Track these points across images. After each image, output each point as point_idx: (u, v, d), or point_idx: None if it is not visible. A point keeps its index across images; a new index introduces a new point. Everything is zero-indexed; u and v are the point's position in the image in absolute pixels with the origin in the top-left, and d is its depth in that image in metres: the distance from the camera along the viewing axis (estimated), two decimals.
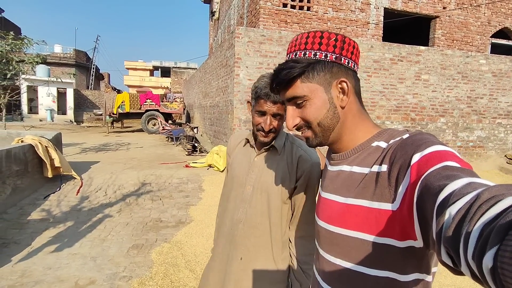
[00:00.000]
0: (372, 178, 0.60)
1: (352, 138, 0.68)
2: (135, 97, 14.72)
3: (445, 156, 0.47)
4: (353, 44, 0.67)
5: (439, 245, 0.38)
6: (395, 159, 0.56)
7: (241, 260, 1.15)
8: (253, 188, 1.15)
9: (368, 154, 0.64)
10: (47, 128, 14.46)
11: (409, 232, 0.53)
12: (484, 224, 0.32)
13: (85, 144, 10.08)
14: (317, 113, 0.66)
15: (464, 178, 0.40)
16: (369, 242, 0.58)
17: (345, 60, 0.66)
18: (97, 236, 3.31)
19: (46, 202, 4.25)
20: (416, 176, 0.49)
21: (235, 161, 1.25)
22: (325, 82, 0.65)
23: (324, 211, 0.69)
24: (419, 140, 0.53)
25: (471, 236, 0.32)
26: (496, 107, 8.33)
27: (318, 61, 0.65)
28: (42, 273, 2.56)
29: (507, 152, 8.53)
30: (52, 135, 5.58)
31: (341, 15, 9.05)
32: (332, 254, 0.66)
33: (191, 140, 9.03)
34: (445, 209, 0.38)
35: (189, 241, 3.28)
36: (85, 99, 24.49)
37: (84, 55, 28.77)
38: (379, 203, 0.57)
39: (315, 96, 0.65)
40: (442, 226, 0.37)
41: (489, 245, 0.30)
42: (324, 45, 0.65)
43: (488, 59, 8.10)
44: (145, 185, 5.22)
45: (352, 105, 0.68)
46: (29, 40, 7.18)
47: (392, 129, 0.66)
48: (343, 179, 0.67)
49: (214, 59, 9.38)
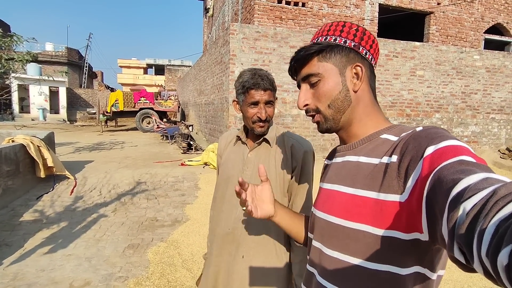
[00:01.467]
0: (381, 169, 0.58)
1: (361, 127, 0.68)
2: (129, 95, 14.56)
3: (460, 150, 0.46)
4: (373, 39, 0.69)
5: (452, 241, 0.37)
6: (407, 151, 0.54)
7: (243, 258, 1.13)
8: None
9: (377, 146, 0.63)
10: (39, 127, 14.25)
11: (416, 224, 0.51)
12: (500, 221, 0.31)
13: (79, 143, 9.95)
14: (329, 93, 0.67)
15: (480, 173, 0.39)
16: (373, 234, 0.57)
17: (363, 50, 0.68)
18: (92, 236, 3.25)
19: (39, 203, 4.17)
20: (429, 168, 0.47)
21: (228, 161, 1.23)
22: (340, 65, 0.67)
23: (326, 202, 0.68)
24: (434, 134, 0.52)
25: (486, 232, 0.31)
26: (489, 102, 8.41)
27: (337, 45, 0.67)
28: (35, 275, 2.50)
29: (500, 146, 8.62)
30: (44, 134, 5.48)
31: (336, 11, 9.02)
32: (330, 247, 0.64)
33: (186, 138, 8.96)
34: (459, 203, 0.36)
35: (185, 240, 3.24)
36: (78, 97, 24.18)
37: (76, 53, 28.37)
38: (386, 194, 0.55)
39: (329, 76, 0.67)
40: (456, 221, 0.36)
41: (505, 242, 0.29)
42: (345, 32, 0.68)
43: (482, 54, 8.16)
44: (140, 184, 5.16)
45: (365, 93, 0.68)
46: (18, 38, 7.02)
47: (403, 125, 0.65)
48: (348, 169, 0.65)
49: (208, 56, 9.30)
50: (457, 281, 2.61)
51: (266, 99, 1.10)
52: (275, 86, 1.14)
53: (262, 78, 1.09)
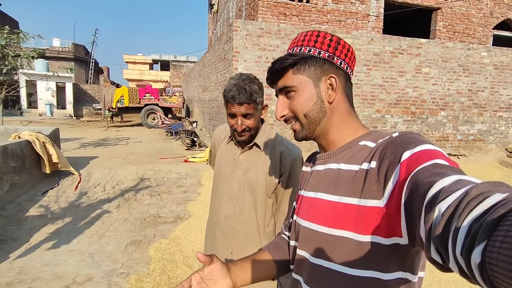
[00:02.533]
0: (361, 175, 0.59)
1: (339, 135, 0.70)
2: (134, 91, 14.64)
3: (435, 154, 0.48)
4: (348, 47, 0.69)
5: (428, 242, 0.38)
6: (385, 156, 0.56)
7: (231, 254, 1.21)
8: (239, 185, 1.21)
9: (356, 152, 0.64)
10: (46, 123, 14.43)
11: (395, 229, 0.53)
12: (472, 221, 0.32)
13: (84, 139, 10.06)
14: (304, 104, 0.68)
15: (453, 175, 0.40)
16: (354, 240, 0.58)
17: (338, 60, 0.68)
18: (95, 232, 3.31)
19: (44, 198, 4.24)
20: (406, 173, 0.49)
21: (221, 159, 1.30)
22: (314, 76, 0.68)
23: (309, 210, 0.68)
24: (410, 139, 0.54)
25: (459, 232, 0.33)
26: (497, 100, 8.27)
27: (311, 56, 0.68)
28: (40, 270, 2.56)
29: (507, 145, 8.49)
30: (49, 130, 5.56)
31: (341, 7, 8.92)
32: (314, 255, 0.65)
33: (190, 135, 9.00)
34: (434, 205, 0.38)
35: (187, 237, 3.28)
36: (84, 93, 24.39)
37: (82, 49, 28.57)
38: (366, 200, 0.57)
39: (304, 88, 0.68)
40: (432, 223, 0.37)
41: (477, 241, 0.30)
42: (319, 43, 0.68)
43: (490, 51, 8.01)
44: (144, 181, 5.21)
45: (340, 103, 0.70)
46: (24, 35, 7.10)
47: (379, 131, 0.67)
48: (330, 177, 0.66)
49: (212, 52, 9.29)
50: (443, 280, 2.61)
51: (243, 113, 1.10)
52: (256, 98, 1.11)
53: (240, 91, 1.07)
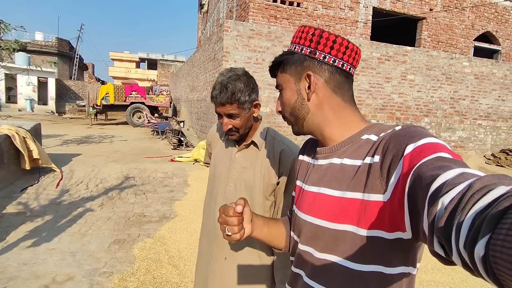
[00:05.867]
0: (364, 169, 0.59)
1: (335, 130, 0.69)
2: (120, 89, 14.34)
3: (438, 147, 0.48)
4: (334, 39, 0.66)
5: (432, 235, 0.38)
6: (388, 150, 0.55)
7: (225, 260, 1.12)
8: (235, 186, 1.13)
9: (359, 147, 0.63)
10: (26, 118, 13.91)
11: (398, 223, 0.52)
12: (476, 213, 0.32)
13: (67, 136, 9.77)
14: (287, 102, 0.71)
15: (457, 168, 0.40)
16: (358, 235, 0.57)
17: (320, 55, 0.66)
18: (77, 230, 3.20)
19: (23, 195, 4.08)
20: (409, 166, 0.49)
21: (217, 157, 1.22)
22: (296, 74, 0.69)
23: (312, 205, 0.67)
24: (413, 132, 0.54)
25: (463, 225, 0.33)
26: (477, 109, 8.59)
27: (293, 54, 0.69)
28: (17, 269, 2.45)
29: (486, 152, 8.83)
30: (30, 125, 5.36)
31: (330, 12, 9.07)
32: (318, 249, 0.65)
33: (177, 134, 8.89)
34: (437, 198, 0.37)
35: (172, 236, 3.22)
36: (67, 89, 23.71)
37: (67, 44, 27.79)
38: (370, 194, 0.56)
39: (287, 87, 0.70)
40: (435, 216, 0.37)
41: (481, 234, 0.30)
42: (302, 39, 0.68)
43: (471, 61, 8.33)
44: (129, 179, 5.10)
45: (326, 99, 0.68)
46: (6, 25, 6.84)
47: (382, 124, 0.66)
48: (333, 172, 0.65)
49: (202, 52, 9.24)
50: (440, 282, 2.67)
51: (226, 113, 1.05)
52: (240, 97, 1.03)
53: (221, 90, 1.02)
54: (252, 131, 1.15)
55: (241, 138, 1.12)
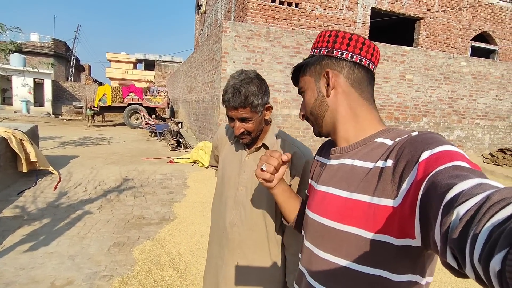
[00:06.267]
0: (375, 173, 0.58)
1: (349, 129, 0.68)
2: (117, 90, 14.27)
3: (455, 156, 0.46)
4: (349, 37, 0.68)
5: (445, 246, 0.37)
6: (402, 155, 0.54)
7: (237, 264, 1.10)
8: (246, 189, 1.10)
9: (372, 149, 0.63)
10: (22, 120, 13.80)
11: (407, 230, 0.51)
12: (493, 226, 0.31)
13: (64, 137, 9.69)
14: (308, 102, 0.73)
15: (475, 178, 0.39)
16: (364, 238, 0.57)
17: (338, 52, 0.68)
18: (76, 233, 3.16)
19: (20, 198, 4.02)
20: (424, 173, 0.47)
21: (225, 160, 1.19)
22: (315, 74, 0.71)
23: (320, 205, 0.67)
24: (430, 139, 0.52)
25: (479, 238, 0.31)
26: (475, 108, 8.63)
27: (312, 57, 0.72)
28: (14, 274, 2.41)
29: (483, 151, 8.87)
30: (27, 127, 5.30)
31: (329, 13, 9.07)
32: (322, 249, 0.64)
33: (176, 136, 8.85)
34: (452, 208, 0.36)
35: (172, 238, 3.19)
36: (64, 91, 23.54)
37: (63, 45, 27.62)
38: (380, 198, 0.55)
39: (308, 88, 0.73)
40: (449, 226, 0.36)
41: (498, 248, 0.29)
42: (320, 42, 0.71)
43: (469, 61, 8.36)
44: (127, 181, 5.05)
45: (344, 96, 0.69)
46: (1, 26, 6.78)
47: (399, 129, 0.65)
48: (344, 173, 0.65)
49: (200, 53, 9.20)
50: (441, 282, 2.66)
51: (238, 117, 1.02)
52: (253, 100, 1.00)
53: (234, 93, 0.99)
54: (263, 134, 1.13)
55: (252, 142, 1.10)
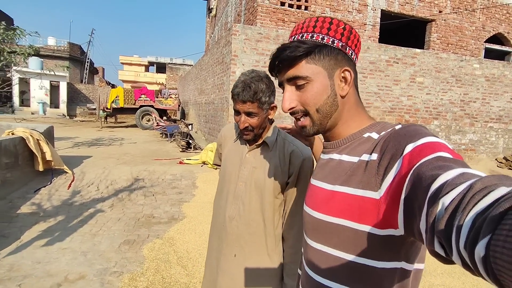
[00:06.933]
0: (360, 166, 0.60)
1: (345, 128, 0.69)
2: (130, 92, 14.56)
3: (438, 147, 0.48)
4: (358, 37, 0.68)
5: (432, 235, 0.38)
6: (387, 149, 0.56)
7: (235, 257, 1.14)
8: (245, 185, 1.15)
9: (359, 144, 0.64)
10: (39, 121, 14.23)
11: (390, 221, 0.53)
12: (476, 214, 0.32)
13: (78, 138, 9.95)
14: (317, 97, 0.65)
15: (457, 168, 0.40)
16: (349, 228, 0.59)
17: (349, 51, 0.66)
18: (88, 231, 3.27)
19: (36, 196, 4.18)
20: (408, 165, 0.49)
21: (227, 157, 1.25)
22: (329, 68, 0.65)
23: (311, 198, 0.70)
24: (413, 131, 0.54)
25: (463, 226, 0.33)
26: (488, 111, 8.45)
27: (325, 45, 0.64)
28: (31, 267, 2.52)
29: (497, 155, 8.66)
30: (44, 128, 5.50)
31: (338, 15, 9.06)
32: (315, 240, 0.67)
33: (186, 137, 8.98)
34: (438, 199, 0.37)
35: (181, 237, 3.26)
36: (78, 93, 24.15)
37: (78, 48, 28.35)
38: (364, 190, 0.57)
39: (318, 80, 0.64)
40: (435, 216, 0.37)
41: (481, 235, 0.30)
42: (332, 31, 0.64)
43: (482, 63, 8.21)
44: (138, 181, 5.17)
45: (350, 96, 0.69)
46: (21, 31, 7.04)
47: (385, 122, 0.67)
48: (331, 167, 0.68)
49: (210, 56, 9.33)
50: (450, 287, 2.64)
51: (245, 111, 1.08)
52: (261, 97, 1.07)
53: (244, 88, 1.05)
54: (264, 133, 1.19)
55: (254, 138, 1.16)
